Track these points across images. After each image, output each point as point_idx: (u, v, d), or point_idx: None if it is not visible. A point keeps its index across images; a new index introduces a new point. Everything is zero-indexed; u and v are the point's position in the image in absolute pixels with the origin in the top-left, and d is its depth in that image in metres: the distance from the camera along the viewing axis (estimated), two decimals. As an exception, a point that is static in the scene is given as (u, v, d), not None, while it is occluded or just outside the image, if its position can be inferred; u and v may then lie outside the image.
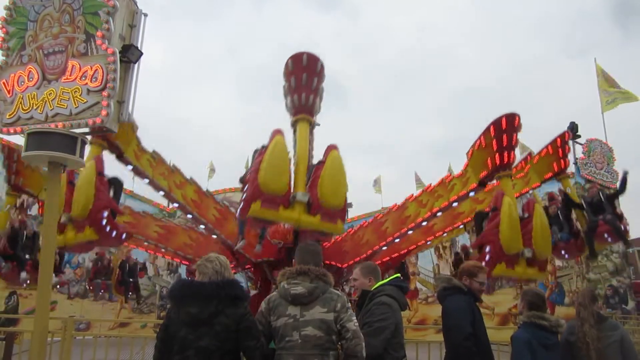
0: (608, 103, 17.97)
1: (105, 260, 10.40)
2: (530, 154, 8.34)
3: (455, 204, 7.36)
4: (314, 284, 3.34)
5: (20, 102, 5.01)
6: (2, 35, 5.34)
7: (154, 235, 8.88)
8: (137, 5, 5.18)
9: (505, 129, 6.28)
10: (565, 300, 16.03)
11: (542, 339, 3.77)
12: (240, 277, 10.56)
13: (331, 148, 5.57)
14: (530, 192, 7.30)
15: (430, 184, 8.11)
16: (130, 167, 6.67)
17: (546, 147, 7.23)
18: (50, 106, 4.84)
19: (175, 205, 7.63)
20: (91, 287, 9.58)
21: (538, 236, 5.86)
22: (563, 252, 8.72)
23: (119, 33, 4.93)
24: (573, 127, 16.72)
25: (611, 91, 17.94)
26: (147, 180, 7.04)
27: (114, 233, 5.17)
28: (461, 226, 9.52)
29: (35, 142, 4.72)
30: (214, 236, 8.67)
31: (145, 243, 9.08)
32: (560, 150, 6.95)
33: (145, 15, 5.20)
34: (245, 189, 5.35)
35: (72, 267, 16.86)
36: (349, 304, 3.42)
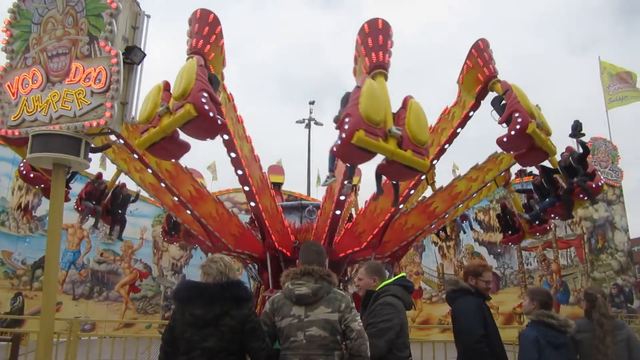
0: (611, 101, 17.91)
1: (101, 185, 10.20)
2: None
3: (459, 130, 7.56)
4: (318, 284, 3.34)
5: (25, 105, 5.03)
6: (6, 38, 5.36)
7: (187, 194, 8.78)
8: (139, 7, 5.19)
9: (483, 48, 7.04)
10: (570, 299, 15.99)
11: (550, 337, 3.75)
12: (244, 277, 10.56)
13: (409, 97, 5.68)
14: (471, 113, 7.31)
15: (431, 126, 8.03)
16: (121, 140, 6.73)
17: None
18: (55, 108, 4.86)
19: (233, 155, 7.55)
20: (80, 208, 9.43)
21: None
22: (553, 215, 9.26)
23: (122, 35, 4.94)
24: (577, 126, 16.66)
25: (622, 87, 17.84)
26: (149, 171, 7.06)
27: (212, 115, 5.03)
28: (460, 205, 9.70)
29: (39, 144, 4.75)
30: (252, 204, 8.60)
31: (175, 198, 8.91)
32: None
33: (148, 16, 5.22)
34: (343, 121, 5.30)
35: (77, 268, 16.94)
36: (353, 304, 3.43)
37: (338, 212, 8.35)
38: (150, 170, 8.06)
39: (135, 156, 7.66)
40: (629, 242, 16.90)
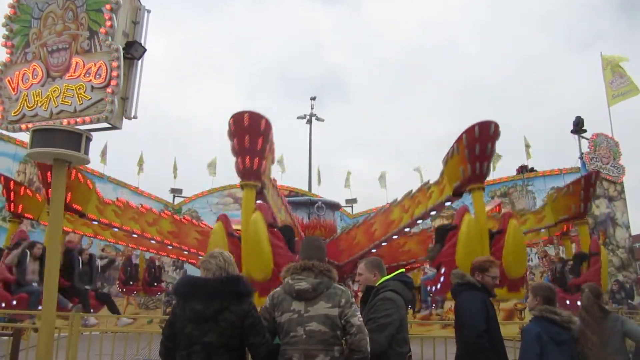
0: (614, 97, 17.87)
1: (133, 266, 10.85)
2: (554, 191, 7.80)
3: (433, 213, 7.23)
4: (318, 280, 3.34)
5: (25, 100, 5.03)
6: (7, 32, 5.36)
7: (194, 242, 8.89)
8: (140, 2, 5.18)
9: (478, 137, 5.91)
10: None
11: (553, 333, 3.74)
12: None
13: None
14: (447, 204, 6.84)
15: (412, 190, 8.05)
16: (95, 222, 6.68)
17: (567, 186, 6.68)
18: (55, 103, 4.86)
19: (153, 242, 7.70)
20: (124, 290, 9.61)
21: (509, 253, 5.54)
22: None
23: (123, 30, 4.94)
24: (579, 122, 16.65)
25: (623, 81, 17.78)
26: (116, 229, 7.07)
27: None
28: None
29: (40, 139, 4.74)
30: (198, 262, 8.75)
31: (185, 252, 9.16)
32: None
33: (149, 11, 5.20)
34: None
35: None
36: (353, 299, 3.42)
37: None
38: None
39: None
40: (630, 238, 16.88)
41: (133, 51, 4.89)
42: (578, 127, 16.67)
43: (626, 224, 16.90)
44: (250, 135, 5.62)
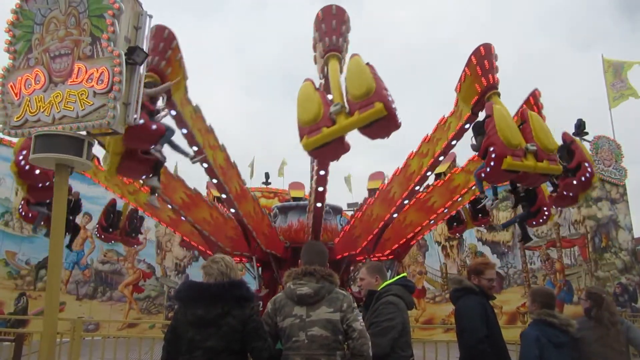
0: (615, 99, 17.87)
1: (115, 213, 10.53)
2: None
3: (454, 142, 7.39)
4: (319, 284, 3.34)
5: (28, 105, 5.04)
6: (9, 38, 5.37)
7: (179, 201, 8.86)
8: (142, 7, 5.20)
9: (484, 55, 6.63)
10: (573, 299, 15.95)
11: (551, 336, 3.76)
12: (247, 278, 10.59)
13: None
14: (467, 125, 7.12)
15: (427, 135, 8.05)
16: (174, 112, 6.63)
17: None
18: (57, 109, 4.87)
19: (205, 165, 7.60)
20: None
21: (538, 131, 6.09)
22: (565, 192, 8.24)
23: (125, 35, 4.95)
24: (580, 124, 16.63)
25: (623, 85, 17.81)
26: (185, 131, 7.01)
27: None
28: (459, 199, 9.56)
29: (42, 144, 4.76)
30: (232, 210, 8.68)
31: (169, 206, 8.97)
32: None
33: (151, 16, 5.22)
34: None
35: (80, 268, 16.99)
36: (355, 304, 3.42)
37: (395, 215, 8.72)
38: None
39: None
40: (633, 240, 16.84)
41: (135, 56, 4.90)
42: (580, 129, 16.63)
43: (629, 226, 16.87)
44: (336, 20, 6.31)
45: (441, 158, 7.66)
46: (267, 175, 22.40)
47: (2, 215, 15.13)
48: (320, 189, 7.91)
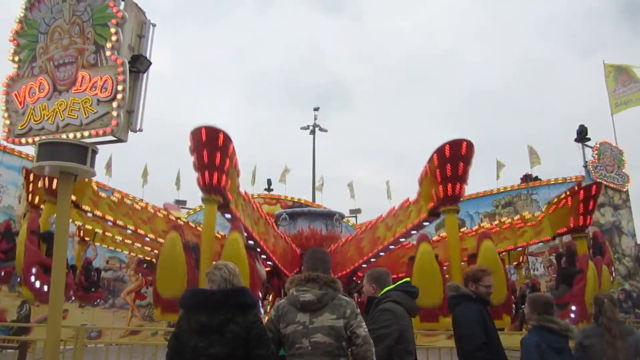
0: (617, 105, 17.86)
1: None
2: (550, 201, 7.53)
3: (414, 232, 7.09)
4: (323, 291, 3.34)
5: (32, 113, 5.08)
6: (14, 47, 5.42)
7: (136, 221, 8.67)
8: (145, 16, 5.24)
9: (449, 157, 5.74)
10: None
11: (551, 342, 3.75)
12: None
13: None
14: (425, 223, 6.66)
15: (394, 208, 7.97)
16: (90, 214, 6.63)
17: (565, 197, 6.44)
18: (61, 117, 4.91)
19: (147, 239, 7.63)
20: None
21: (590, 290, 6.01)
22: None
23: (128, 43, 4.99)
24: (582, 130, 16.63)
25: (626, 90, 17.78)
26: (110, 223, 7.01)
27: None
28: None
29: (46, 152, 4.79)
30: (269, 263, 8.77)
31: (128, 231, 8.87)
32: (581, 204, 6.05)
33: (154, 25, 5.26)
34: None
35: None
36: (358, 310, 3.42)
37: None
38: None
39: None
40: (636, 246, 16.78)
41: (138, 65, 4.94)
42: (582, 135, 16.65)
43: (632, 232, 16.82)
44: (208, 150, 5.59)
45: (402, 239, 7.59)
46: (269, 182, 22.43)
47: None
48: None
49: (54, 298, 4.90)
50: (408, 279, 4.44)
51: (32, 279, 5.85)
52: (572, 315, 5.73)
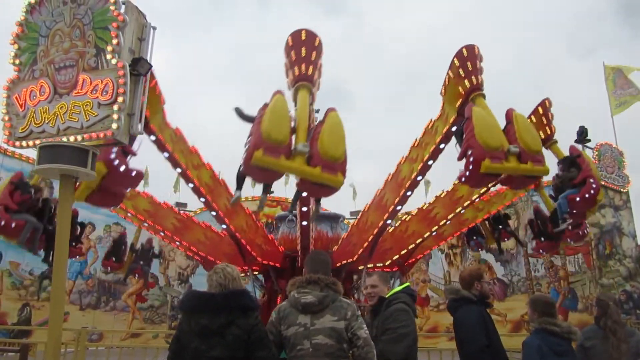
0: (617, 106, 17.89)
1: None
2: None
3: (442, 145, 7.21)
4: (324, 293, 3.35)
5: (33, 116, 5.08)
6: (14, 50, 5.43)
7: (170, 226, 9.05)
8: (146, 19, 5.25)
9: (467, 56, 6.47)
10: (578, 306, 15.88)
11: (553, 345, 3.75)
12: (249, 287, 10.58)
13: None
14: (454, 128, 6.86)
15: (416, 139, 7.99)
16: (153, 137, 6.65)
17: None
18: (62, 120, 4.91)
19: (190, 185, 7.63)
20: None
21: (522, 132, 5.82)
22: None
23: (129, 46, 5.00)
24: (582, 132, 16.62)
25: (624, 92, 17.83)
26: (166, 154, 7.04)
27: (123, 167, 5.15)
28: (462, 210, 9.42)
29: (47, 155, 4.79)
30: (223, 226, 8.69)
31: (161, 233, 9.14)
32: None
33: (154, 28, 5.27)
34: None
35: (84, 278, 16.99)
36: (359, 312, 3.43)
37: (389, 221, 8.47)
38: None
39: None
40: (637, 247, 16.78)
41: (139, 68, 4.94)
42: (582, 137, 16.61)
43: (632, 233, 16.82)
44: (306, 47, 5.96)
45: (430, 162, 7.50)
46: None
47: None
48: (304, 208, 8.06)
49: (54, 301, 4.90)
50: (409, 283, 4.48)
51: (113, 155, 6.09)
52: (471, 159, 5.86)
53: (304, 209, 8.08)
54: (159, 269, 19.33)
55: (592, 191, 7.53)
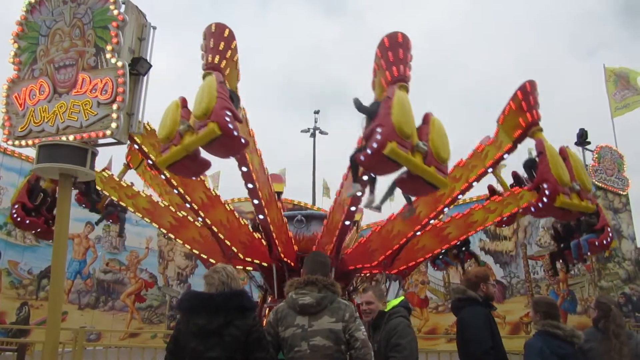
0: (617, 109, 17.88)
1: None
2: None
3: (490, 170, 7.53)
4: (322, 294, 3.34)
5: (32, 115, 5.09)
6: (14, 49, 5.43)
7: (167, 225, 9.25)
8: (146, 19, 5.25)
9: (530, 91, 6.83)
10: (577, 309, 15.86)
11: (555, 347, 3.73)
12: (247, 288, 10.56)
13: (430, 114, 5.83)
14: (505, 156, 7.24)
15: (462, 159, 8.06)
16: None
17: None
18: (61, 119, 4.92)
19: (244, 169, 7.54)
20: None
21: (579, 171, 6.36)
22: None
23: (129, 46, 5.01)
24: (582, 134, 16.63)
25: (625, 94, 17.83)
26: (163, 176, 7.12)
27: (235, 133, 4.94)
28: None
29: (46, 154, 4.79)
30: (260, 216, 8.56)
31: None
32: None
33: (154, 28, 5.28)
34: (368, 131, 5.43)
35: (82, 278, 16.98)
36: (357, 314, 3.43)
37: (347, 222, 8.31)
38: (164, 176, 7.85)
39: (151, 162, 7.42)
40: (636, 250, 16.74)
41: (139, 67, 4.95)
42: (582, 139, 16.64)
43: (632, 235, 16.80)
44: (403, 49, 6.13)
45: (475, 183, 7.74)
46: (269, 185, 22.41)
47: (5, 224, 15.14)
48: (353, 208, 7.94)
49: (53, 300, 4.89)
50: (403, 297, 4.53)
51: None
52: (547, 192, 6.11)
53: (353, 208, 8.02)
54: (158, 269, 19.33)
55: (609, 239, 8.34)
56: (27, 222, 7.88)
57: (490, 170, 7.54)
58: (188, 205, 8.46)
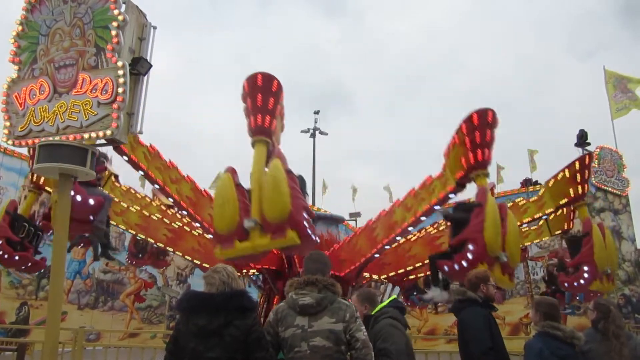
0: (618, 110, 17.88)
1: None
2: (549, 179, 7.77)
3: (437, 207, 7.01)
4: (322, 294, 3.34)
5: (32, 115, 5.08)
6: (14, 49, 5.43)
7: (163, 238, 9.07)
8: (146, 19, 5.25)
9: (477, 125, 5.92)
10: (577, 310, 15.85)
11: (555, 349, 3.73)
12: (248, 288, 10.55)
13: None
14: (451, 195, 6.63)
15: (414, 188, 7.81)
16: (125, 157, 6.61)
17: (563, 170, 6.77)
18: (62, 119, 4.91)
19: (170, 200, 7.61)
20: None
21: (511, 241, 5.48)
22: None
23: (129, 46, 5.00)
24: (582, 135, 16.63)
25: (624, 96, 17.85)
26: (142, 172, 6.98)
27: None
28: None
29: (46, 154, 4.78)
30: (209, 236, 8.62)
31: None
32: (579, 174, 6.44)
33: (155, 28, 5.27)
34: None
35: (82, 278, 16.97)
36: (358, 314, 3.42)
37: (377, 255, 8.34)
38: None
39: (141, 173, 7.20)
40: (636, 251, 16.75)
41: (139, 67, 4.95)
42: (582, 140, 16.66)
43: (632, 237, 16.80)
44: (262, 94, 5.65)
45: (423, 218, 7.31)
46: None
47: (5, 224, 15.15)
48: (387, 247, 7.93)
49: (52, 300, 4.89)
50: (395, 296, 4.50)
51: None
52: (586, 275, 5.95)
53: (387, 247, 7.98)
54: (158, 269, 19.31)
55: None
56: (17, 258, 7.45)
57: (436, 207, 6.96)
58: (199, 225, 8.29)
